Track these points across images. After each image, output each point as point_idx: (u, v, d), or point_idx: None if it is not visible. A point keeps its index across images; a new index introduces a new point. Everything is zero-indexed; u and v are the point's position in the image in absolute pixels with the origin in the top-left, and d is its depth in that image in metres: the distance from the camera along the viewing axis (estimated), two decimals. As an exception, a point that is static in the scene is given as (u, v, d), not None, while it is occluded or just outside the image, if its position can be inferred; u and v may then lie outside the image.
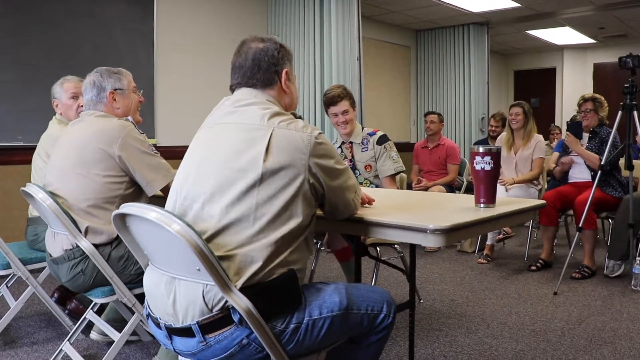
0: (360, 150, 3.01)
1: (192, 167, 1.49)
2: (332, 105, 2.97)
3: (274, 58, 1.55)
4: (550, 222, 4.00)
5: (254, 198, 1.36)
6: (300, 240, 1.43)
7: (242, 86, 1.56)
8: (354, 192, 1.59)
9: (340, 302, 1.45)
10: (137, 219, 1.40)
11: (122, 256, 2.11)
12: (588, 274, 3.78)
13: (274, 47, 1.56)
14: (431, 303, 3.29)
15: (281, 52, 1.57)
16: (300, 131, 1.44)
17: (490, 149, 1.81)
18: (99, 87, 2.25)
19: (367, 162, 2.99)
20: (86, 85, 2.28)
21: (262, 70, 1.54)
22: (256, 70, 1.54)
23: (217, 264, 1.29)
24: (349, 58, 5.15)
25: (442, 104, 7.52)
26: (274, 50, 1.55)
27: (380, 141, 3.00)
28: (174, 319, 1.38)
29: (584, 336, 2.72)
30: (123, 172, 2.12)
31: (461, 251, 4.71)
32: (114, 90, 2.26)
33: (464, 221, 1.58)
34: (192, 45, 5.08)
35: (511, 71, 10.18)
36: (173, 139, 4.82)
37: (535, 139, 4.37)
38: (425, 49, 7.71)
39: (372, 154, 2.99)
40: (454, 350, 2.56)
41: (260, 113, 1.46)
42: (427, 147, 5.20)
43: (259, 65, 1.54)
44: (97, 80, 2.26)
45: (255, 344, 1.35)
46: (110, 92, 2.25)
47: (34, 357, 2.49)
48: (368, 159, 2.99)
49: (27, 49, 3.94)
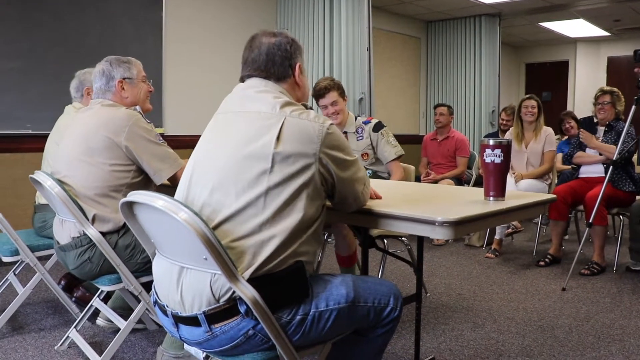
0: (355, 140, 3.03)
1: (202, 154, 1.50)
2: (321, 97, 3.00)
3: (287, 52, 1.56)
4: (560, 217, 3.96)
5: (265, 184, 1.36)
6: (310, 232, 1.42)
7: (255, 77, 1.56)
8: (362, 184, 1.59)
9: (347, 295, 1.45)
10: (145, 207, 1.40)
11: (129, 244, 2.12)
12: (597, 270, 3.74)
13: (286, 41, 1.57)
14: (438, 297, 3.27)
15: (293, 46, 1.58)
16: (312, 121, 1.44)
17: (501, 142, 1.79)
18: (107, 76, 2.25)
19: (363, 150, 3.01)
20: (95, 73, 2.28)
21: (276, 64, 1.55)
22: (270, 64, 1.54)
23: (225, 253, 1.29)
24: (358, 49, 5.11)
25: (452, 96, 7.45)
26: (286, 44, 1.56)
27: (376, 128, 3.02)
28: (180, 308, 1.38)
29: (592, 333, 2.69)
30: (130, 161, 2.12)
31: (469, 245, 4.68)
32: (122, 79, 2.25)
33: (473, 214, 1.58)
34: (201, 34, 5.06)
35: (523, 64, 10.07)
36: (181, 128, 4.81)
37: (545, 132, 4.34)
38: (436, 40, 7.63)
39: (367, 142, 3.01)
40: (460, 344, 2.55)
41: (272, 102, 1.47)
42: (436, 140, 5.17)
43: (273, 60, 1.54)
44: (106, 69, 2.25)
45: (261, 334, 1.35)
46: (118, 81, 2.25)
47: (41, 343, 2.51)
48: (364, 147, 3.01)
49: (35, 37, 3.94)
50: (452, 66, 7.47)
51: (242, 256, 1.33)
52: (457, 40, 7.43)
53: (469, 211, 1.59)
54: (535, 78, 9.93)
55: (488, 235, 4.61)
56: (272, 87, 1.53)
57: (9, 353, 2.40)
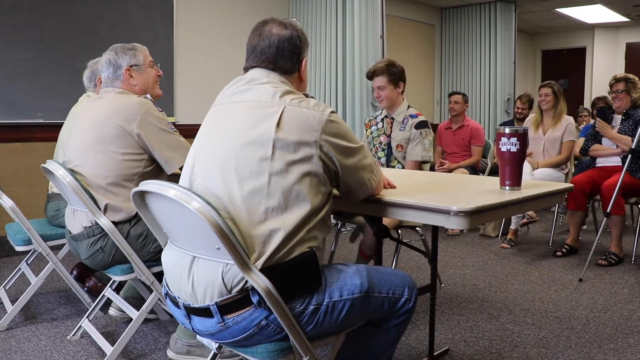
0: (398, 129, 3.01)
1: (203, 144, 1.49)
2: (369, 79, 3.07)
3: (297, 47, 1.55)
4: (579, 207, 3.88)
5: (267, 170, 1.35)
6: (317, 219, 1.41)
7: (259, 68, 1.54)
8: (369, 171, 1.56)
9: (361, 285, 1.45)
10: (157, 196, 1.40)
11: (140, 234, 2.12)
12: (615, 261, 3.68)
13: (297, 34, 1.55)
14: (452, 287, 3.24)
15: (302, 40, 1.57)
16: (312, 109, 1.42)
17: (517, 130, 1.78)
18: (114, 65, 2.24)
19: (400, 141, 2.98)
20: (102, 63, 2.27)
21: (285, 58, 1.53)
22: (279, 58, 1.53)
23: (237, 242, 1.28)
24: (372, 36, 5.06)
25: (466, 84, 7.38)
26: (296, 38, 1.55)
27: (419, 126, 2.99)
28: (192, 299, 1.38)
29: (609, 324, 2.65)
30: (142, 150, 2.11)
31: (484, 235, 4.63)
32: (129, 67, 2.24)
33: (489, 203, 1.56)
34: (212, 22, 5.03)
35: (539, 51, 9.91)
36: (192, 117, 4.79)
37: (566, 121, 4.25)
38: (451, 28, 7.54)
39: (407, 135, 2.99)
40: (475, 335, 2.52)
41: (271, 91, 1.46)
42: (451, 128, 5.11)
43: (283, 54, 1.53)
44: (112, 58, 2.24)
45: (274, 325, 1.35)
46: (126, 69, 2.24)
47: (54, 332, 2.52)
48: (402, 138, 2.98)
49: (45, 27, 3.93)
50: (467, 54, 7.39)
51: (252, 245, 1.32)
52: (472, 27, 7.34)
53: (484, 200, 1.57)
54: (551, 65, 9.77)
55: (503, 225, 4.56)
56: (274, 78, 1.52)
57: (22, 342, 2.42)
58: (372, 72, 3.02)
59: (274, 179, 1.35)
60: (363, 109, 5.12)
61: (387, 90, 2.99)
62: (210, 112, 1.56)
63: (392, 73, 2.98)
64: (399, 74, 3.00)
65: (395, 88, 3.00)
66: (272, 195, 1.34)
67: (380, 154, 3.04)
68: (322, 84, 5.29)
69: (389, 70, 2.97)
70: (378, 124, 3.11)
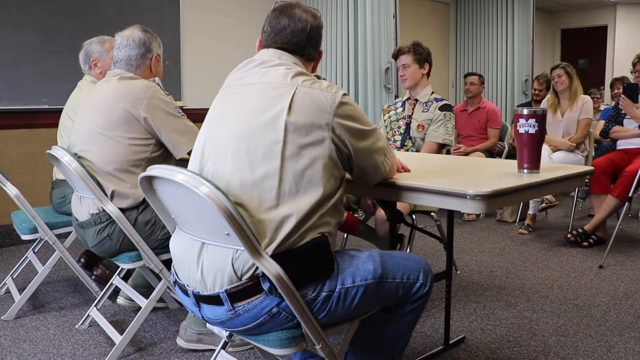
0: (421, 110, 2.97)
1: (214, 128, 1.46)
2: (395, 58, 3.06)
3: (320, 37, 1.57)
4: (603, 191, 3.76)
5: (279, 154, 1.33)
6: (330, 205, 1.38)
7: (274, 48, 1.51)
8: (383, 154, 1.53)
9: (374, 270, 1.42)
10: (164, 181, 1.38)
11: (148, 221, 2.09)
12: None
13: (321, 25, 1.57)
14: (468, 274, 3.18)
15: (321, 30, 1.58)
16: (324, 91, 1.40)
17: (535, 111, 1.74)
18: (147, 48, 2.18)
19: (422, 121, 2.94)
20: (130, 40, 2.15)
21: (312, 46, 1.54)
22: (308, 44, 1.53)
23: (247, 228, 1.25)
24: (384, 15, 4.95)
25: (483, 64, 7.25)
26: (320, 28, 1.57)
27: (443, 108, 2.97)
28: (201, 287, 1.36)
29: (630, 312, 2.58)
30: (149, 135, 2.07)
31: (501, 220, 4.55)
32: (157, 54, 2.22)
33: (506, 187, 1.53)
34: (220, 3, 4.93)
35: (558, 30, 9.68)
36: (200, 101, 4.74)
37: (582, 100, 4.17)
38: (466, 6, 7.41)
39: (430, 116, 2.96)
40: (492, 323, 2.46)
41: (283, 72, 1.43)
42: (467, 111, 5.01)
43: (311, 41, 1.54)
44: (146, 40, 2.18)
45: (285, 312, 1.33)
46: (155, 56, 2.21)
47: (62, 322, 2.51)
48: (424, 119, 2.95)
49: (49, 10, 3.87)
50: (483, 33, 7.26)
51: (263, 231, 1.30)
52: (488, 5, 7.21)
53: (502, 184, 1.53)
54: (571, 45, 9.54)
55: (521, 210, 4.47)
56: (287, 59, 1.49)
57: (31, 331, 2.41)
58: (397, 50, 3.01)
59: (285, 164, 1.33)
60: (376, 91, 5.03)
61: (411, 69, 2.96)
62: (219, 95, 1.53)
63: (418, 52, 2.97)
64: (424, 55, 2.99)
65: (420, 68, 2.98)
66: (284, 180, 1.32)
67: (397, 137, 2.98)
68: (334, 65, 5.20)
69: (415, 49, 2.97)
70: (398, 109, 3.06)
